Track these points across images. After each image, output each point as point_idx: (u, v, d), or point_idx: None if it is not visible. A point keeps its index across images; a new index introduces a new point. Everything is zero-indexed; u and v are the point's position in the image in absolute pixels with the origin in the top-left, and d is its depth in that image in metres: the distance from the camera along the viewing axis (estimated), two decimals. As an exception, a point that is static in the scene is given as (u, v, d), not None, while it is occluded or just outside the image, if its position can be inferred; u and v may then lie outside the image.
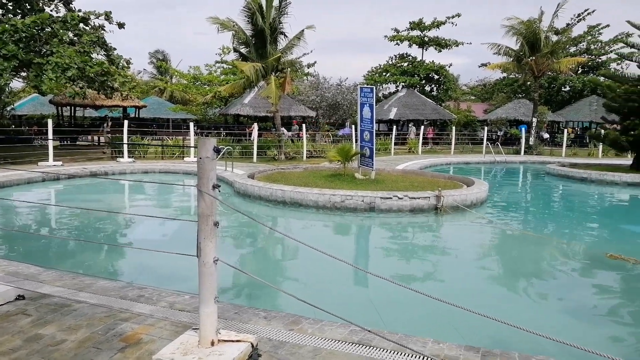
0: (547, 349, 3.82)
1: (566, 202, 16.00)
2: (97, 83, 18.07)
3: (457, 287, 6.66)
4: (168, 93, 44.52)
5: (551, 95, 41.98)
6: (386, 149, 27.02)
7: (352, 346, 3.46)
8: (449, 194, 11.35)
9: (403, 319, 5.34)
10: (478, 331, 4.80)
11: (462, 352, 3.44)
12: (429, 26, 38.24)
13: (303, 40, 21.50)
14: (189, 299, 4.44)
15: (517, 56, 29.16)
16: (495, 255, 8.89)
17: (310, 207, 11.28)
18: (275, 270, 7.51)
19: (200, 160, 2.89)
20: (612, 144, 20.95)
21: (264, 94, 22.31)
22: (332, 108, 34.33)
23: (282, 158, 21.80)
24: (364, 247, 9.59)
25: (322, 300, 5.74)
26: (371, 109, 13.81)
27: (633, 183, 17.18)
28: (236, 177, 14.06)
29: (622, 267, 7.41)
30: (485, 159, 25.68)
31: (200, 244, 2.97)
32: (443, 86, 40.91)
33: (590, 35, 41.48)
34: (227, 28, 20.61)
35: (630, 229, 11.25)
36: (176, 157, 21.15)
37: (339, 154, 14.46)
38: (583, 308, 5.92)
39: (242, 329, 3.70)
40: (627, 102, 19.03)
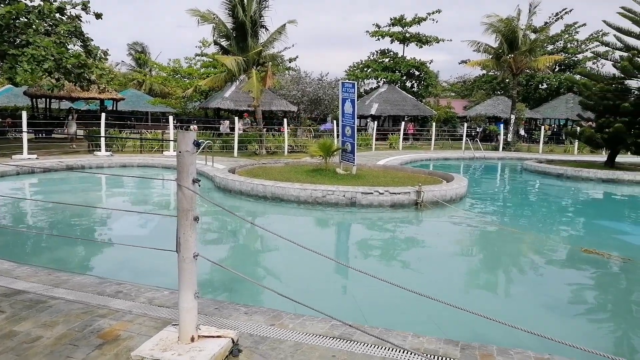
0: (524, 342, 3.89)
1: (543, 197, 16.31)
2: (74, 75, 17.66)
3: (436, 282, 6.73)
4: (147, 86, 43.82)
5: (529, 93, 42.69)
6: (367, 145, 27.12)
7: (333, 341, 3.46)
8: (429, 189, 11.46)
9: (384, 313, 5.37)
10: (457, 325, 4.86)
11: (441, 346, 3.48)
12: (410, 22, 38.43)
13: (284, 34, 21.36)
14: (169, 294, 4.39)
15: (496, 53, 29.55)
16: (474, 249, 9.02)
17: (292, 202, 11.26)
18: (256, 265, 7.48)
19: (180, 154, 2.84)
20: (587, 141, 21.41)
21: (245, 88, 22.13)
22: (313, 103, 34.26)
23: (264, 153, 21.69)
24: (345, 242, 9.62)
25: (303, 295, 5.75)
26: (353, 105, 13.83)
27: (607, 179, 17.62)
28: (217, 171, 13.94)
29: (597, 261, 7.59)
30: (464, 155, 25.99)
31: (179, 239, 2.93)
32: (423, 82, 41.21)
33: (567, 34, 42.30)
34: (207, 20, 20.34)
35: (604, 224, 11.53)
36: (155, 151, 20.85)
37: (320, 149, 14.45)
38: (559, 301, 6.05)
39: (223, 324, 3.68)
40: (602, 100, 19.46)
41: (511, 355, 3.40)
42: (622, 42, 19.91)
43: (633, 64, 18.62)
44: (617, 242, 9.48)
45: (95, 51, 19.08)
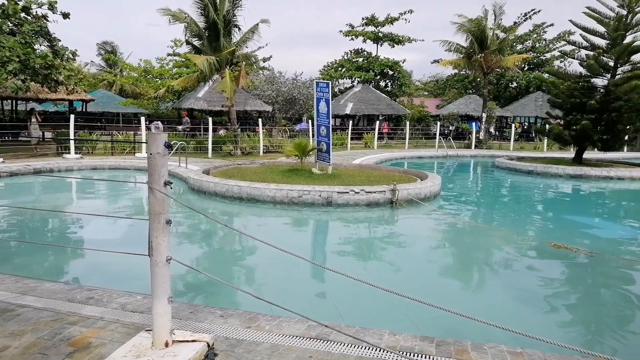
0: (497, 336, 3.96)
1: (514, 194, 16.68)
2: (41, 76, 17.16)
3: (412, 279, 6.80)
4: (118, 86, 42.91)
5: (499, 91, 43.57)
6: (342, 144, 27.21)
7: (310, 341, 3.46)
8: (403, 187, 11.57)
9: (360, 312, 5.40)
10: (433, 321, 4.93)
11: (417, 343, 3.52)
12: (383, 22, 38.74)
13: (257, 33, 21.25)
14: (142, 299, 4.31)
15: (467, 53, 30.06)
16: (448, 247, 9.15)
17: (268, 203, 11.21)
18: (231, 267, 7.42)
19: (151, 156, 2.79)
20: (556, 138, 22.00)
21: (218, 88, 21.93)
22: (288, 103, 34.18)
23: (238, 153, 21.52)
24: (322, 241, 9.62)
25: (279, 297, 5.73)
26: (327, 104, 13.85)
27: (575, 175, 18.15)
28: (190, 172, 13.76)
29: (565, 256, 7.80)
30: (438, 153, 26.36)
31: (152, 242, 2.88)
32: (397, 82, 41.61)
33: (536, 33, 43.36)
34: (179, 20, 20.06)
35: (572, 219, 11.86)
36: (127, 153, 20.45)
37: (296, 149, 14.43)
38: (530, 295, 6.19)
39: (198, 328, 3.63)
40: (570, 98, 20.02)
41: (485, 350, 3.46)
42: (588, 41, 20.53)
43: (598, 62, 19.21)
44: (584, 236, 9.76)
45: (63, 51, 18.59)
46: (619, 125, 19.56)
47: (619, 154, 25.92)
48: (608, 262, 7.48)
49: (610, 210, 13.54)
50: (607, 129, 19.68)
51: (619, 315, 5.74)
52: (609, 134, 19.69)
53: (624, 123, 19.64)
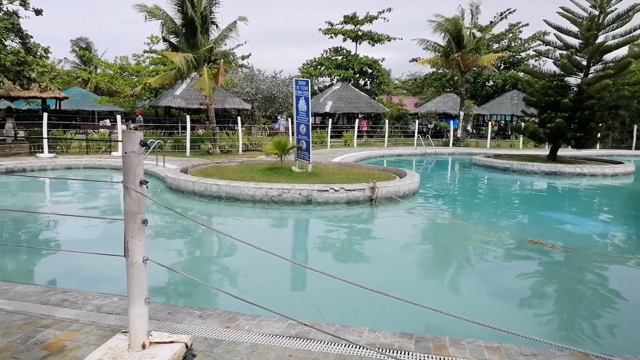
0: (475, 331, 4.01)
1: (490, 191, 16.94)
2: (13, 73, 16.70)
3: (392, 276, 6.84)
4: (93, 84, 42.07)
5: (476, 90, 44.17)
6: (322, 142, 27.22)
7: (290, 340, 3.45)
8: (383, 185, 11.64)
9: (341, 310, 5.41)
10: (413, 318, 4.96)
11: (396, 339, 3.54)
12: (362, 20, 38.85)
13: (236, 31, 21.09)
14: (118, 300, 4.24)
15: (444, 52, 30.39)
16: (427, 244, 9.24)
17: (247, 202, 11.13)
18: (210, 267, 7.35)
19: (126, 155, 2.73)
20: (531, 136, 22.42)
21: (196, 86, 21.69)
22: (267, 101, 33.99)
23: (217, 152, 21.34)
24: (302, 240, 9.62)
25: (259, 296, 5.70)
26: (307, 102, 13.83)
27: (550, 172, 18.53)
28: (168, 171, 13.57)
29: (541, 251, 7.95)
30: (416, 151, 26.58)
31: (127, 243, 2.82)
32: (376, 80, 41.79)
33: (511, 33, 44.08)
34: (155, 16, 19.76)
35: (547, 215, 12.10)
36: (102, 152, 20.07)
37: (275, 147, 14.37)
38: (507, 290, 6.30)
39: (176, 329, 3.58)
40: (544, 97, 20.42)
41: (463, 345, 3.50)
42: (561, 40, 20.96)
43: (572, 61, 19.64)
44: (559, 232, 9.97)
45: (35, 48, 18.13)
46: (591, 123, 20.05)
47: (592, 151, 26.56)
48: (582, 257, 7.66)
49: (583, 206, 13.87)
50: (580, 127, 20.15)
51: (591, 309, 5.89)
52: (582, 131, 20.17)
53: (597, 121, 20.15)
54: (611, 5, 19.42)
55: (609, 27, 19.65)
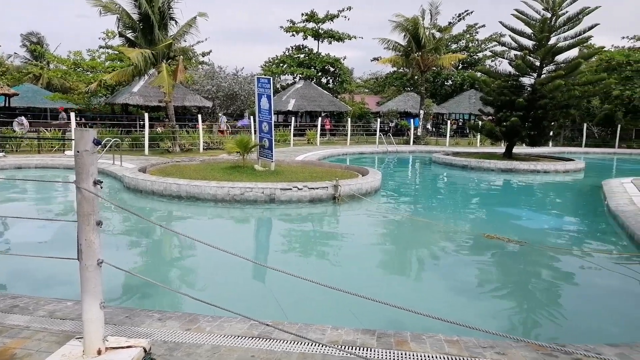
0: (436, 325, 4.09)
1: (450, 188, 17.36)
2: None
3: (354, 273, 6.90)
4: (45, 80, 40.27)
5: (436, 89, 45.12)
6: (285, 140, 27.13)
7: (252, 340, 3.41)
8: (345, 183, 11.71)
9: (304, 308, 5.40)
10: (375, 314, 5.01)
11: (359, 336, 3.57)
12: (323, 19, 38.93)
13: (195, 27, 20.70)
14: (73, 305, 4.07)
15: (405, 51, 30.89)
16: (389, 240, 9.37)
17: (209, 201, 10.96)
18: (170, 269, 7.19)
19: (78, 154, 2.63)
20: (488, 134, 23.11)
21: (155, 83, 21.14)
22: (229, 98, 33.57)
23: (177, 150, 20.90)
24: (265, 239, 9.55)
25: (221, 297, 5.62)
26: (269, 100, 13.73)
27: (506, 169, 19.16)
28: (125, 171, 13.19)
29: (498, 246, 8.21)
30: (378, 149, 26.90)
31: (81, 245, 2.72)
32: (338, 78, 42.00)
33: (469, 34, 45.26)
34: (110, 11, 19.11)
35: (503, 210, 12.51)
36: (55, 151, 19.28)
37: (237, 145, 14.20)
38: (465, 285, 6.46)
39: (134, 333, 3.48)
40: (500, 96, 21.08)
41: (424, 339, 3.57)
42: (516, 42, 21.68)
43: (525, 62, 20.35)
44: (515, 226, 10.33)
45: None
46: (544, 121, 20.87)
47: (545, 148, 27.63)
48: (535, 251, 7.95)
49: (537, 202, 14.41)
50: (534, 125, 20.94)
51: (545, 301, 6.13)
52: (535, 130, 20.95)
53: (549, 120, 20.99)
54: (562, 8, 20.23)
55: (561, 30, 20.48)
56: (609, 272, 6.96)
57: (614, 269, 7.06)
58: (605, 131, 36.30)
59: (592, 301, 6.02)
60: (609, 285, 6.59)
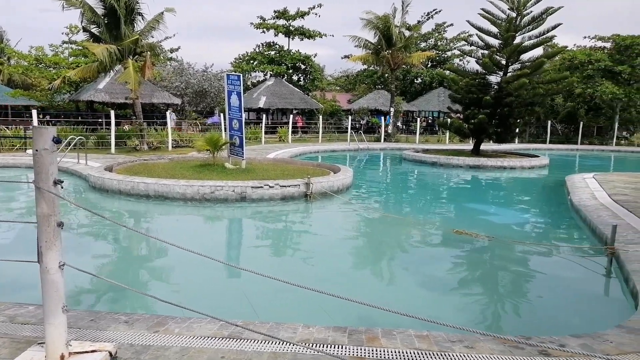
0: (406, 321, 4.12)
1: (420, 184, 17.59)
2: None
3: (326, 271, 6.90)
4: (5, 76, 38.71)
5: (406, 87, 45.62)
6: (257, 138, 26.94)
7: (222, 341, 3.37)
8: (317, 181, 11.71)
9: (276, 307, 5.37)
10: (347, 310, 5.02)
11: (330, 334, 3.56)
12: (294, 16, 38.80)
13: (163, 22, 20.28)
14: (34, 310, 3.93)
15: (375, 49, 31.08)
16: (360, 237, 9.42)
17: (178, 200, 10.77)
18: (137, 270, 7.02)
19: (37, 153, 2.52)
20: (456, 131, 23.53)
21: (121, 79, 20.61)
22: (198, 95, 33.05)
23: (145, 148, 20.46)
24: (236, 238, 9.45)
25: (191, 297, 5.53)
26: (239, 97, 13.59)
27: (474, 166, 19.56)
28: (91, 170, 12.83)
29: (467, 241, 8.36)
30: (350, 146, 27.02)
31: (41, 248, 2.62)
32: (310, 76, 41.95)
33: (438, 32, 45.90)
34: (73, 5, 18.52)
35: (472, 206, 12.76)
36: (17, 149, 18.59)
37: (207, 143, 14.01)
38: (435, 280, 6.56)
39: (100, 337, 3.38)
40: (468, 94, 21.50)
41: (394, 335, 3.59)
42: (483, 41, 22.14)
43: (492, 60, 20.80)
44: (483, 222, 10.54)
45: None
46: (510, 119, 21.40)
47: (511, 145, 28.32)
48: (503, 245, 8.14)
49: (504, 197, 14.77)
50: (501, 123, 21.44)
51: (512, 294, 6.28)
52: (502, 127, 21.46)
53: (515, 117, 21.54)
54: (527, 8, 20.75)
55: (526, 29, 21.01)
56: (572, 264, 7.19)
57: (576, 261, 7.30)
58: (568, 128, 37.52)
59: (556, 293, 6.20)
60: (572, 277, 6.80)
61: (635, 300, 5.13)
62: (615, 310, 5.47)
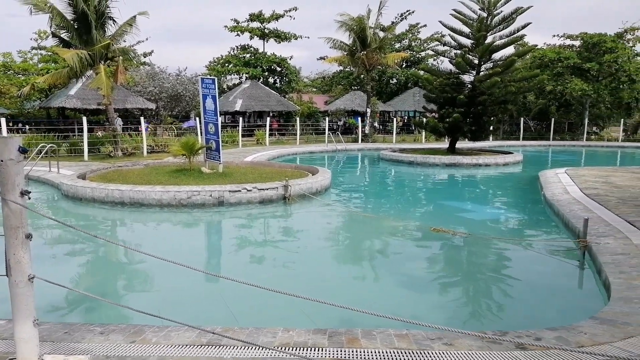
0: (385, 321, 4.14)
1: (398, 183, 17.73)
2: None
3: (306, 273, 6.89)
4: (-29, 83, 37.59)
5: (381, 87, 45.95)
6: (234, 141, 26.75)
7: (201, 348, 3.32)
8: (295, 183, 11.69)
9: (256, 312, 5.33)
10: (327, 312, 5.01)
11: (310, 337, 3.56)
12: (269, 18, 38.72)
13: (135, 26, 19.96)
14: (5, 324, 3.81)
15: (350, 50, 31.23)
16: (340, 238, 9.44)
17: (154, 207, 10.61)
18: (112, 280, 6.88)
19: (2, 163, 2.45)
20: (432, 130, 23.80)
21: (93, 85, 20.20)
22: (173, 100, 32.63)
23: (119, 154, 20.10)
24: (214, 243, 9.36)
25: (170, 305, 5.45)
26: (214, 101, 13.47)
27: (450, 164, 19.82)
28: (63, 178, 12.54)
29: (444, 238, 8.46)
30: (328, 148, 27.07)
31: (9, 261, 2.54)
32: (285, 78, 41.89)
33: (411, 33, 46.39)
34: (41, 10, 18.08)
35: (449, 203, 12.92)
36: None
37: (183, 147, 13.83)
38: (414, 279, 6.61)
39: (74, 349, 3.30)
40: (442, 93, 21.78)
41: (374, 335, 3.61)
42: (456, 41, 22.46)
43: (465, 60, 21.12)
44: (459, 219, 10.69)
45: None
46: (484, 117, 21.78)
47: (486, 142, 28.80)
48: (480, 242, 8.26)
49: (480, 194, 15.00)
50: (475, 121, 21.79)
51: (490, 290, 6.38)
52: (476, 125, 21.81)
53: (489, 115, 21.93)
54: (497, 8, 21.14)
55: (497, 29, 21.40)
56: (547, 258, 7.34)
57: (551, 255, 7.46)
58: (540, 125, 38.38)
59: (532, 287, 6.32)
60: (546, 271, 6.95)
61: (608, 291, 5.26)
62: (589, 302, 5.61)
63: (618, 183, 12.61)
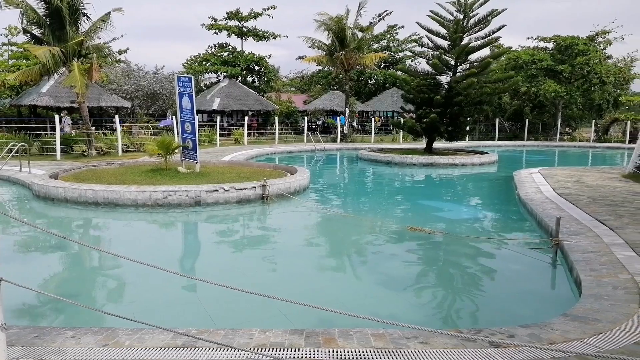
0: (362, 320, 4.16)
1: (375, 183, 17.83)
2: None
3: (284, 274, 6.87)
4: (-63, 80, 36.31)
5: (360, 88, 46.18)
6: (211, 141, 26.50)
7: (176, 351, 3.28)
8: (274, 183, 11.64)
9: (233, 313, 5.28)
10: (305, 312, 4.99)
11: (287, 337, 3.54)
12: (247, 17, 38.49)
13: (110, 23, 19.56)
14: (-29, 329, 3.68)
15: (329, 50, 31.30)
16: (318, 238, 9.43)
17: (129, 207, 10.43)
18: (84, 283, 6.72)
19: (-34, 162, 2.36)
20: (409, 131, 24.03)
21: (66, 83, 19.72)
22: (149, 98, 32.13)
23: (93, 154, 19.69)
24: (191, 244, 9.24)
25: (144, 307, 5.36)
26: (191, 99, 13.32)
27: (427, 164, 20.04)
28: (35, 178, 12.22)
29: (421, 237, 8.54)
30: (306, 147, 27.06)
31: (-26, 264, 2.45)
32: (264, 77, 41.71)
33: (390, 34, 46.75)
34: (12, 5, 17.58)
35: (426, 203, 13.05)
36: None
37: (159, 147, 13.63)
38: (391, 278, 6.65)
39: (44, 354, 3.22)
40: (420, 94, 22.00)
41: (351, 335, 3.61)
42: (433, 42, 22.72)
43: (441, 61, 21.37)
44: (436, 218, 10.81)
45: None
46: (460, 117, 22.08)
47: (462, 143, 29.23)
48: (456, 241, 8.37)
49: (456, 194, 15.20)
50: (452, 121, 22.08)
51: (466, 288, 6.46)
52: (453, 125, 22.11)
53: (465, 115, 22.26)
54: (473, 10, 21.45)
55: (472, 30, 21.71)
56: (521, 256, 7.48)
57: (524, 253, 7.60)
58: (515, 125, 39.13)
59: (506, 285, 6.44)
60: (520, 269, 7.08)
61: (579, 288, 5.39)
62: (561, 299, 5.73)
63: (589, 182, 12.95)
